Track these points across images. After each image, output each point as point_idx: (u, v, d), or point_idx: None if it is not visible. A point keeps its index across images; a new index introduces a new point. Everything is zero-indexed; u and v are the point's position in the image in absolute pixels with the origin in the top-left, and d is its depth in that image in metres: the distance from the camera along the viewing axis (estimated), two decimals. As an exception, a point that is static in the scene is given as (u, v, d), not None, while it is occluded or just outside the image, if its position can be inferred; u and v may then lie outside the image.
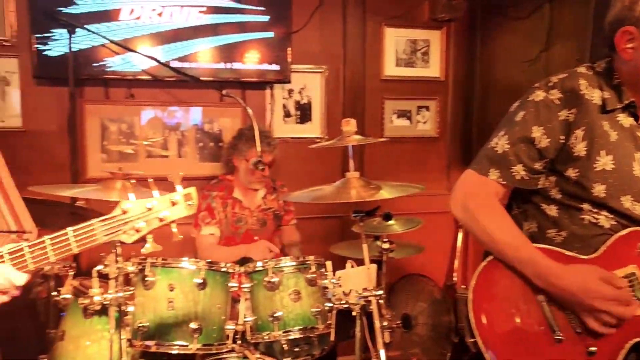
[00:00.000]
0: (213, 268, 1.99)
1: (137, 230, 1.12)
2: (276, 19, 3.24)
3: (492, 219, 1.49)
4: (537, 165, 1.48)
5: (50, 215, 2.22)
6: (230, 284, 2.03)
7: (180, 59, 3.12)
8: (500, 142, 1.51)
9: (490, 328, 1.43)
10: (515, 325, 1.43)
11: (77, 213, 2.20)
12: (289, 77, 3.31)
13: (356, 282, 2.11)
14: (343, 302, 2.04)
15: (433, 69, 3.66)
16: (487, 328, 1.43)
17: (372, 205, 2.30)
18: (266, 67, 3.26)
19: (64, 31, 2.85)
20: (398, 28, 3.56)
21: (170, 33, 3.09)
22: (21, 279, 1.09)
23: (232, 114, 3.31)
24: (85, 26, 2.82)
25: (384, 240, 2.37)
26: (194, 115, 3.29)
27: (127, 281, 2.01)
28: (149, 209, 1.12)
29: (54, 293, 2.21)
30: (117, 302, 1.90)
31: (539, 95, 1.48)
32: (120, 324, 1.94)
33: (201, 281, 1.94)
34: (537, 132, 1.46)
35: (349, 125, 2.10)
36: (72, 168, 2.82)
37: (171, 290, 1.92)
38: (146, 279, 1.92)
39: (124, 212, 1.11)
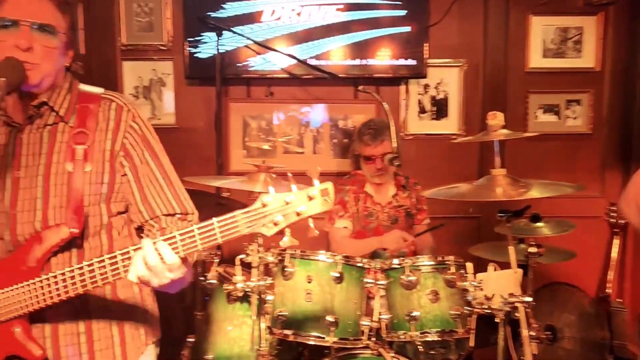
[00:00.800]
0: (349, 262, 1.99)
1: (276, 224, 1.12)
2: (413, 12, 3.17)
3: None
4: None
5: (199, 206, 2.37)
6: (365, 280, 2.02)
7: (317, 57, 3.18)
8: None
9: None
10: None
11: (222, 203, 2.33)
12: (425, 71, 3.22)
13: (499, 286, 1.97)
14: (485, 306, 1.92)
15: (586, 59, 3.32)
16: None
17: (516, 205, 2.14)
18: (402, 62, 3.20)
19: (212, 34, 3.05)
20: (546, 16, 3.28)
21: (306, 32, 3.16)
22: (171, 257, 1.13)
23: (365, 110, 3.30)
24: (232, 28, 2.99)
25: (531, 243, 2.19)
26: (329, 112, 3.33)
27: (267, 271, 2.08)
28: (287, 203, 1.12)
29: (201, 278, 2.36)
30: (258, 290, 1.98)
31: None
32: (260, 311, 2.01)
33: (338, 275, 1.95)
34: None
35: (496, 118, 1.97)
36: (218, 162, 3.00)
37: (309, 282, 1.95)
38: (285, 269, 1.97)
39: (264, 206, 1.12)
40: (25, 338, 1.26)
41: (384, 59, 3.20)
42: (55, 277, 1.21)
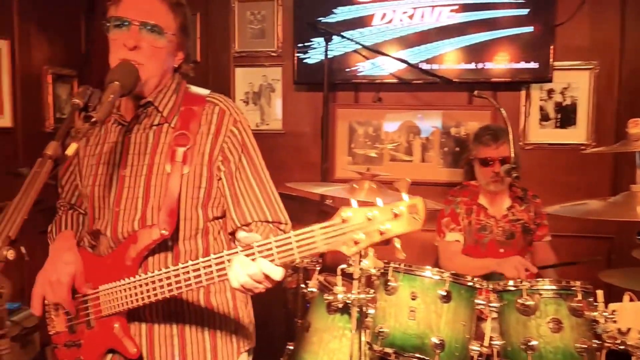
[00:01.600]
0: (459, 281, 1.83)
1: (356, 242, 1.00)
2: (537, 11, 2.91)
3: None
4: None
5: (302, 212, 2.35)
6: (476, 301, 1.84)
7: (428, 61, 3.04)
8: None
9: None
10: None
11: (324, 211, 2.27)
12: (550, 75, 2.94)
13: (636, 320, 1.71)
14: (618, 341, 1.68)
15: None
16: None
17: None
18: (523, 65, 2.95)
19: (321, 39, 3.03)
20: (699, 9, 2.86)
21: (418, 35, 3.04)
22: (277, 273, 1.08)
23: (480, 117, 3.09)
24: (341, 33, 2.94)
25: (678, 272, 1.88)
26: (440, 118, 3.17)
27: (369, 283, 1.98)
28: (369, 220, 0.99)
29: (302, 285, 2.31)
30: (359, 303, 1.89)
31: None
32: (360, 325, 1.92)
33: (445, 293, 1.80)
34: None
35: (638, 127, 1.71)
36: (323, 168, 2.96)
37: (413, 299, 1.82)
38: (388, 283, 1.86)
39: (344, 221, 1.00)
40: (123, 334, 1.28)
41: (502, 62, 2.98)
42: (147, 278, 1.21)
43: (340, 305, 1.98)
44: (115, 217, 1.31)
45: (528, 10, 2.92)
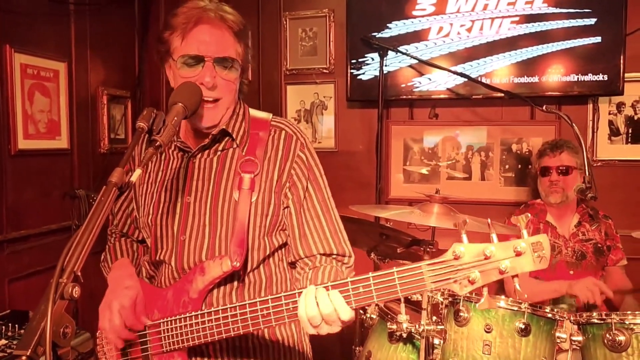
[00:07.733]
0: (537, 313, 1.68)
1: (471, 282, 0.93)
2: (604, 21, 2.75)
3: None
4: None
5: (361, 234, 2.25)
6: (557, 334, 1.69)
7: (487, 75, 2.91)
8: None
9: None
10: None
11: (385, 234, 2.16)
12: (621, 88, 2.75)
13: None
14: None
15: None
16: None
17: None
18: (590, 77, 2.78)
19: (375, 55, 2.96)
20: None
21: (476, 48, 2.91)
22: (346, 313, 1.00)
23: (543, 132, 2.93)
24: (397, 48, 2.85)
25: None
26: (500, 135, 3.02)
27: (435, 311, 1.87)
28: (487, 257, 0.93)
29: (361, 311, 2.21)
30: (426, 334, 1.77)
31: None
32: (428, 357, 1.80)
33: (524, 326, 1.66)
34: None
35: None
36: (378, 188, 2.86)
37: (488, 332, 1.69)
38: (459, 314, 1.74)
39: (456, 258, 0.94)
40: None
41: (567, 74, 2.82)
42: (212, 313, 1.14)
43: (405, 335, 1.87)
44: (181, 246, 1.24)
45: (594, 20, 2.76)
